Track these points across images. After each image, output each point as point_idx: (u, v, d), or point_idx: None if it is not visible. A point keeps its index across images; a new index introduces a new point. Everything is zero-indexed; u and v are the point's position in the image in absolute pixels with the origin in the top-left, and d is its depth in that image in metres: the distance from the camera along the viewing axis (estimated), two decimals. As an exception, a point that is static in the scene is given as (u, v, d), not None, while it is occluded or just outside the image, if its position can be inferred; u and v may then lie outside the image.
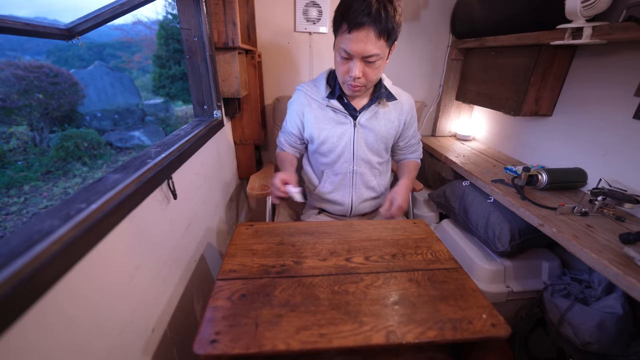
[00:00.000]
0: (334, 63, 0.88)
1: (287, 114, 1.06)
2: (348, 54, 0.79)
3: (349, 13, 0.74)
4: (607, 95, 1.02)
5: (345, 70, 0.83)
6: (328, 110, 0.96)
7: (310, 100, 0.98)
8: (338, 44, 0.81)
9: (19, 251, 0.35)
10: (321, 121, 0.97)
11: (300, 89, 1.02)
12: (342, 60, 0.82)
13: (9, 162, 5.00)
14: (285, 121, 1.07)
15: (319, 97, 0.97)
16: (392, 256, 0.71)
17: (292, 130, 1.04)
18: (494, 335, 0.51)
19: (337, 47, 0.83)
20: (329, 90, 0.95)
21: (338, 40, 0.81)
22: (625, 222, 0.87)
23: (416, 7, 1.57)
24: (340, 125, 0.96)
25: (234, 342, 0.47)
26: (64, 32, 0.74)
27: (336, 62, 0.86)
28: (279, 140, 1.12)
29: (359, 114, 0.96)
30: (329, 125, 0.97)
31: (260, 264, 0.67)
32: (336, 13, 0.80)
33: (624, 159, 0.97)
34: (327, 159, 1.01)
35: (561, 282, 1.00)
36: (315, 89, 0.98)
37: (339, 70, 0.85)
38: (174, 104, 7.41)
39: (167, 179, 0.72)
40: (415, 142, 1.12)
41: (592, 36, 0.87)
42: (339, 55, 0.82)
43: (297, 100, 1.01)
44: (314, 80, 1.01)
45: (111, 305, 0.52)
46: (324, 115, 0.97)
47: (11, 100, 5.10)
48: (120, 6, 0.80)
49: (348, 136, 0.97)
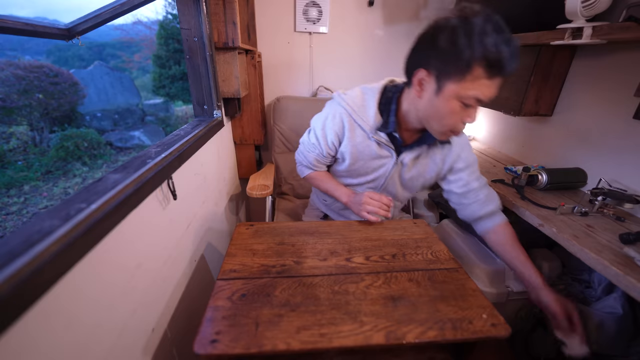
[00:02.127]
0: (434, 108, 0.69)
1: (315, 133, 0.89)
2: (480, 101, 0.65)
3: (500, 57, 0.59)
4: (607, 95, 1.02)
5: (459, 117, 0.68)
6: (372, 142, 0.83)
7: (354, 125, 0.83)
8: (462, 91, 0.64)
9: (19, 251, 0.35)
10: (361, 151, 0.85)
11: (342, 106, 0.84)
12: (462, 108, 0.67)
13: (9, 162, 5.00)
14: (317, 142, 0.89)
15: (366, 124, 0.81)
16: (393, 256, 0.71)
17: (329, 152, 0.90)
18: (494, 335, 0.51)
19: (455, 93, 0.65)
20: (379, 121, 0.80)
21: (463, 86, 0.63)
22: (625, 222, 0.87)
23: (416, 8, 1.57)
24: (379, 159, 0.86)
25: (234, 342, 0.47)
26: (64, 32, 0.74)
27: (445, 108, 0.68)
28: (307, 161, 0.95)
29: (404, 150, 0.84)
30: (367, 156, 0.86)
31: (261, 263, 0.66)
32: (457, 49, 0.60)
33: (624, 159, 0.97)
34: (352, 181, 0.94)
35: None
36: (363, 112, 0.81)
37: (452, 118, 0.68)
38: (174, 104, 7.41)
39: (167, 179, 0.72)
40: (479, 187, 0.88)
41: (592, 36, 0.87)
42: (459, 103, 0.66)
43: (337, 120, 0.84)
44: (362, 99, 0.83)
45: (111, 305, 0.52)
46: (365, 146, 0.84)
47: (11, 100, 5.10)
48: (120, 6, 0.80)
49: (384, 170, 0.88)
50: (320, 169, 0.97)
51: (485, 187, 0.90)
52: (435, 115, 0.71)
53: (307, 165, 0.97)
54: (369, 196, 0.83)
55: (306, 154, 0.94)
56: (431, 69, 0.67)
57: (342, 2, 1.53)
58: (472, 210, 0.89)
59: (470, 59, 0.60)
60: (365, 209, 0.83)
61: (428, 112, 0.72)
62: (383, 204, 0.83)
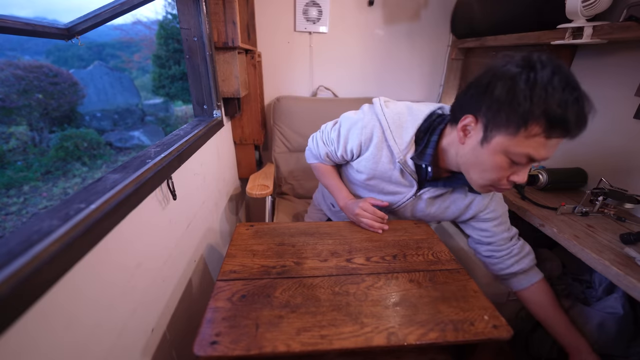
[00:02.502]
0: (477, 159, 0.62)
1: (339, 131, 0.83)
2: (532, 160, 0.57)
3: (563, 120, 0.52)
4: (608, 95, 1.02)
5: (505, 174, 0.61)
6: (396, 167, 0.76)
7: (384, 144, 0.76)
8: (512, 147, 0.56)
9: (18, 251, 0.35)
10: (380, 172, 0.79)
11: (379, 119, 0.75)
12: (509, 165, 0.59)
13: (9, 162, 5.00)
14: (337, 140, 0.83)
15: (396, 148, 0.73)
16: (393, 257, 0.71)
17: (343, 155, 0.84)
18: (496, 337, 0.51)
19: (504, 148, 0.57)
20: (412, 150, 0.72)
21: (515, 142, 0.56)
22: (626, 222, 0.87)
23: (416, 7, 1.57)
24: (397, 186, 0.80)
25: (234, 344, 0.47)
26: (64, 32, 0.74)
27: (489, 162, 0.60)
28: (318, 151, 0.91)
29: (428, 185, 0.78)
30: (386, 179, 0.80)
31: (261, 264, 0.66)
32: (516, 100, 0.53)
33: (625, 159, 0.97)
34: (365, 193, 0.88)
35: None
36: (399, 134, 0.73)
37: (495, 173, 0.61)
38: (174, 104, 7.42)
39: (167, 179, 0.71)
40: (510, 237, 0.81)
41: (592, 36, 0.87)
42: (506, 159, 0.58)
43: (368, 131, 0.76)
44: (401, 117, 0.74)
45: (111, 306, 0.52)
46: (388, 169, 0.77)
47: (11, 100, 5.10)
48: (120, 6, 0.80)
49: (399, 198, 0.82)
50: (327, 163, 0.93)
51: (518, 239, 0.83)
52: (477, 167, 0.64)
53: (316, 154, 0.92)
54: (362, 208, 0.80)
55: (320, 145, 0.89)
56: (480, 117, 0.60)
57: (342, 2, 1.53)
58: (505, 265, 0.81)
59: (528, 114, 0.52)
60: (359, 222, 0.81)
61: (469, 161, 0.64)
62: (377, 218, 0.79)
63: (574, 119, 0.52)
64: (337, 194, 0.90)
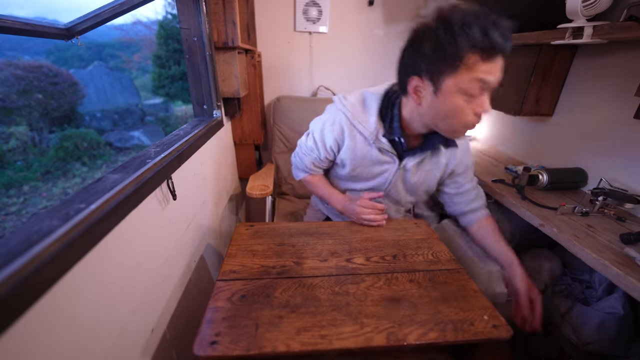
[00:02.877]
0: (439, 108, 0.67)
1: (313, 136, 0.88)
2: (484, 87, 0.62)
3: (488, 39, 0.58)
4: (608, 95, 1.02)
5: (469, 110, 0.65)
6: (373, 148, 0.81)
7: (355, 131, 0.81)
8: (461, 82, 0.61)
9: (18, 251, 0.35)
10: (362, 158, 0.83)
11: (342, 112, 0.81)
12: (466, 100, 0.64)
13: (9, 162, 5.00)
14: (315, 146, 0.88)
15: (366, 131, 0.79)
16: (393, 257, 0.71)
17: (327, 156, 0.89)
18: (495, 337, 0.51)
19: (454, 87, 0.62)
20: (381, 128, 0.78)
21: (460, 77, 0.61)
22: (626, 222, 0.87)
23: (416, 7, 1.57)
24: (381, 165, 0.84)
25: (234, 344, 0.47)
26: (64, 32, 0.73)
27: (450, 105, 0.65)
28: (303, 165, 0.94)
29: (407, 156, 0.82)
30: (370, 162, 0.84)
31: (261, 264, 0.66)
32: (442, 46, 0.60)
33: (625, 159, 0.97)
34: (354, 185, 0.92)
35: (562, 283, 0.99)
36: (364, 118, 0.79)
37: (459, 114, 0.65)
38: (174, 104, 7.42)
39: (167, 179, 0.71)
40: (471, 188, 0.91)
41: (592, 36, 0.87)
42: (462, 95, 0.63)
43: (337, 125, 0.82)
44: (363, 105, 0.81)
45: (111, 306, 0.52)
46: (366, 152, 0.82)
47: (11, 100, 5.11)
48: (120, 6, 0.80)
49: (386, 176, 0.86)
50: (316, 172, 0.96)
51: (476, 188, 0.93)
52: (441, 116, 0.68)
53: (302, 168, 0.96)
54: (361, 205, 0.82)
55: (303, 157, 0.93)
56: (423, 74, 0.65)
57: (342, 2, 1.53)
58: (459, 207, 0.93)
59: (460, 51, 0.59)
60: (361, 220, 0.83)
61: (432, 115, 0.69)
62: (377, 211, 0.82)
63: (499, 38, 0.58)
64: (333, 199, 0.92)
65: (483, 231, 0.89)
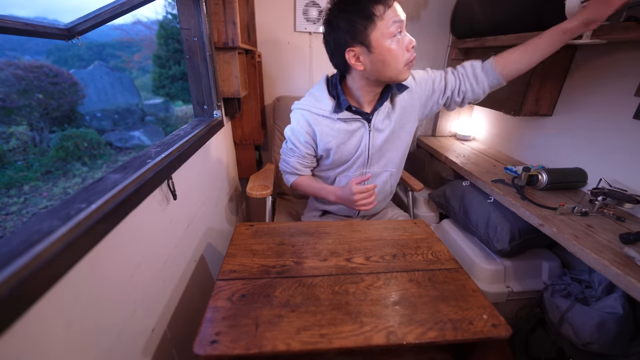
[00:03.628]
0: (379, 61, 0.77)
1: (290, 140, 0.97)
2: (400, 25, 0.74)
3: None
4: (607, 95, 1.02)
5: (401, 49, 0.76)
6: (338, 122, 0.89)
7: (317, 117, 0.90)
8: (382, 29, 0.73)
9: (18, 251, 0.35)
10: (335, 137, 0.90)
11: (300, 108, 0.92)
12: (396, 42, 0.75)
13: (9, 162, 5.00)
14: (294, 146, 0.96)
15: (325, 111, 0.88)
16: (393, 256, 0.71)
17: (307, 152, 0.96)
18: (494, 336, 0.51)
19: (380, 36, 0.74)
20: (334, 103, 0.88)
21: (380, 27, 0.73)
22: (625, 222, 0.87)
23: (416, 7, 1.57)
24: (355, 134, 0.91)
25: (234, 343, 0.47)
26: (64, 32, 0.74)
27: (385, 53, 0.75)
28: (290, 167, 1.00)
29: (372, 115, 0.89)
30: (344, 137, 0.90)
31: (261, 264, 0.66)
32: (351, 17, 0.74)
33: (624, 159, 0.97)
34: (341, 168, 0.97)
35: (561, 282, 0.99)
36: (318, 104, 0.90)
37: (396, 55, 0.76)
38: (174, 104, 7.42)
39: (167, 179, 0.72)
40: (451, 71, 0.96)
41: (592, 36, 0.87)
42: (390, 39, 0.74)
43: (302, 120, 0.92)
44: (312, 96, 0.92)
45: (111, 306, 0.52)
46: (336, 128, 0.90)
47: (11, 100, 5.11)
48: (120, 6, 0.80)
49: (364, 143, 0.92)
50: (304, 172, 1.01)
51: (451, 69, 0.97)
52: (385, 66, 0.78)
53: (291, 171, 1.01)
54: (356, 192, 0.85)
55: (287, 159, 1.00)
56: (352, 43, 0.76)
57: (342, 2, 1.53)
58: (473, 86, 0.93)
59: (366, 10, 0.71)
60: (359, 206, 0.87)
61: (378, 68, 0.79)
62: (370, 193, 0.86)
63: None
64: (325, 193, 0.96)
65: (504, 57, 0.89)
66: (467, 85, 0.93)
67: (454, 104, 0.98)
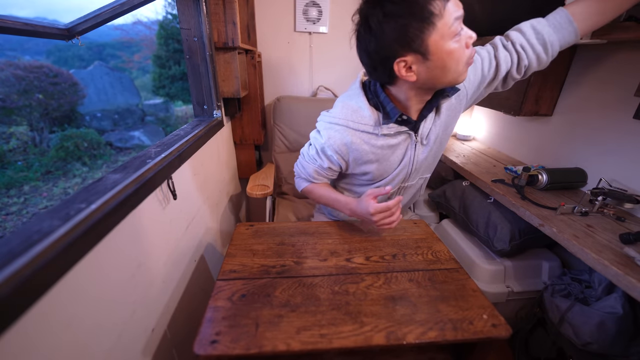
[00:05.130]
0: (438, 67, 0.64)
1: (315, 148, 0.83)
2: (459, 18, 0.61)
3: None
4: (607, 95, 1.02)
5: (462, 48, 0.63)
6: (381, 138, 0.77)
7: (356, 133, 0.77)
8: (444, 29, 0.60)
9: (18, 251, 0.35)
10: (376, 154, 0.78)
11: (335, 123, 0.78)
12: (457, 42, 0.62)
13: (9, 162, 5.00)
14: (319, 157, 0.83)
15: (367, 126, 0.75)
16: (393, 256, 0.71)
17: (331, 167, 0.84)
18: (494, 336, 0.51)
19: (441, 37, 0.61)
20: (378, 115, 0.75)
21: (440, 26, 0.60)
22: (625, 222, 0.87)
23: (416, 7, 1.57)
24: (399, 147, 0.79)
25: (234, 343, 0.47)
26: (64, 32, 0.74)
27: (446, 56, 0.63)
28: (305, 173, 0.88)
29: (420, 124, 0.77)
30: (387, 153, 0.79)
31: (261, 264, 0.66)
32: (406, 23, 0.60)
33: (624, 159, 0.97)
34: (376, 184, 0.86)
35: (561, 282, 0.99)
36: (358, 116, 0.76)
37: (457, 56, 0.63)
38: (174, 104, 7.42)
39: (167, 179, 0.72)
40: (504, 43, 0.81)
41: (592, 36, 0.87)
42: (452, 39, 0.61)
43: (337, 141, 0.78)
44: (348, 105, 0.77)
45: (111, 306, 0.52)
46: (378, 145, 0.77)
47: (11, 100, 5.11)
48: (120, 6, 0.80)
49: (408, 156, 0.81)
50: (319, 181, 0.90)
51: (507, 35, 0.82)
52: (444, 72, 0.65)
53: (305, 177, 0.90)
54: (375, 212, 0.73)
55: (306, 164, 0.88)
56: (402, 53, 0.63)
57: (342, 2, 1.53)
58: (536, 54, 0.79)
59: (421, 10, 0.58)
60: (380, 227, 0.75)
61: (435, 76, 0.66)
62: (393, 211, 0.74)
63: None
64: (339, 205, 0.85)
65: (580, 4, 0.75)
66: (532, 56, 0.78)
67: (511, 81, 0.84)
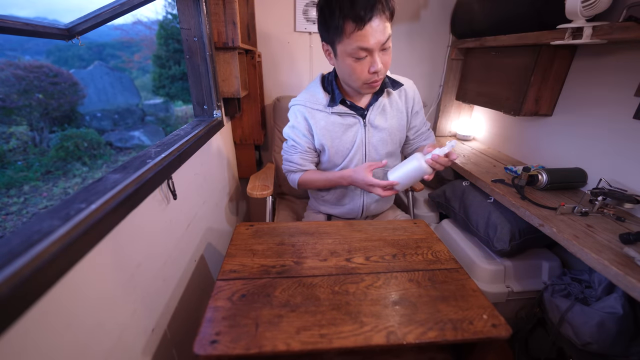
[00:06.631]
0: (341, 69, 0.81)
1: (290, 137, 0.97)
2: (367, 50, 0.72)
3: (354, 10, 0.68)
4: (607, 95, 1.02)
5: (363, 69, 0.76)
6: (334, 116, 0.91)
7: (313, 111, 0.92)
8: (346, 48, 0.74)
9: (18, 251, 0.35)
10: (330, 130, 0.91)
11: (297, 104, 0.94)
12: (356, 62, 0.75)
13: (9, 162, 5.00)
14: (295, 142, 0.96)
15: (320, 106, 0.90)
16: (393, 256, 0.71)
17: (308, 146, 0.96)
18: (494, 336, 0.51)
19: (343, 52, 0.75)
20: (328, 97, 0.90)
21: (345, 44, 0.73)
22: (625, 222, 0.87)
23: (416, 7, 1.57)
24: (350, 129, 0.92)
25: (234, 343, 0.47)
26: (64, 32, 0.74)
27: (346, 66, 0.78)
28: (294, 165, 0.98)
29: (367, 111, 0.91)
30: (339, 131, 0.92)
31: (261, 264, 0.66)
32: (326, 18, 0.73)
33: (624, 159, 0.97)
34: (339, 166, 0.97)
35: (561, 282, 1.00)
36: (313, 98, 0.92)
37: (355, 73, 0.77)
38: (174, 104, 7.42)
39: (167, 179, 0.72)
40: (426, 130, 1.05)
41: (592, 36, 0.87)
42: (351, 58, 0.75)
43: (299, 116, 0.93)
44: (308, 91, 0.94)
45: (111, 306, 0.52)
46: (331, 123, 0.91)
47: (11, 100, 5.11)
48: (120, 6, 0.80)
49: (360, 138, 0.93)
50: (308, 167, 1.00)
51: (429, 131, 1.06)
52: (345, 76, 0.82)
53: (295, 169, 0.99)
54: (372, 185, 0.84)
55: (290, 158, 0.99)
56: (325, 41, 0.80)
57: (342, 2, 1.53)
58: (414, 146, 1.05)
59: (337, 22, 0.71)
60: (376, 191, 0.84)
61: (341, 74, 0.85)
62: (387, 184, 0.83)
63: (363, 9, 0.68)
64: (336, 180, 0.95)
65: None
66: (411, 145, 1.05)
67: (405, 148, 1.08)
